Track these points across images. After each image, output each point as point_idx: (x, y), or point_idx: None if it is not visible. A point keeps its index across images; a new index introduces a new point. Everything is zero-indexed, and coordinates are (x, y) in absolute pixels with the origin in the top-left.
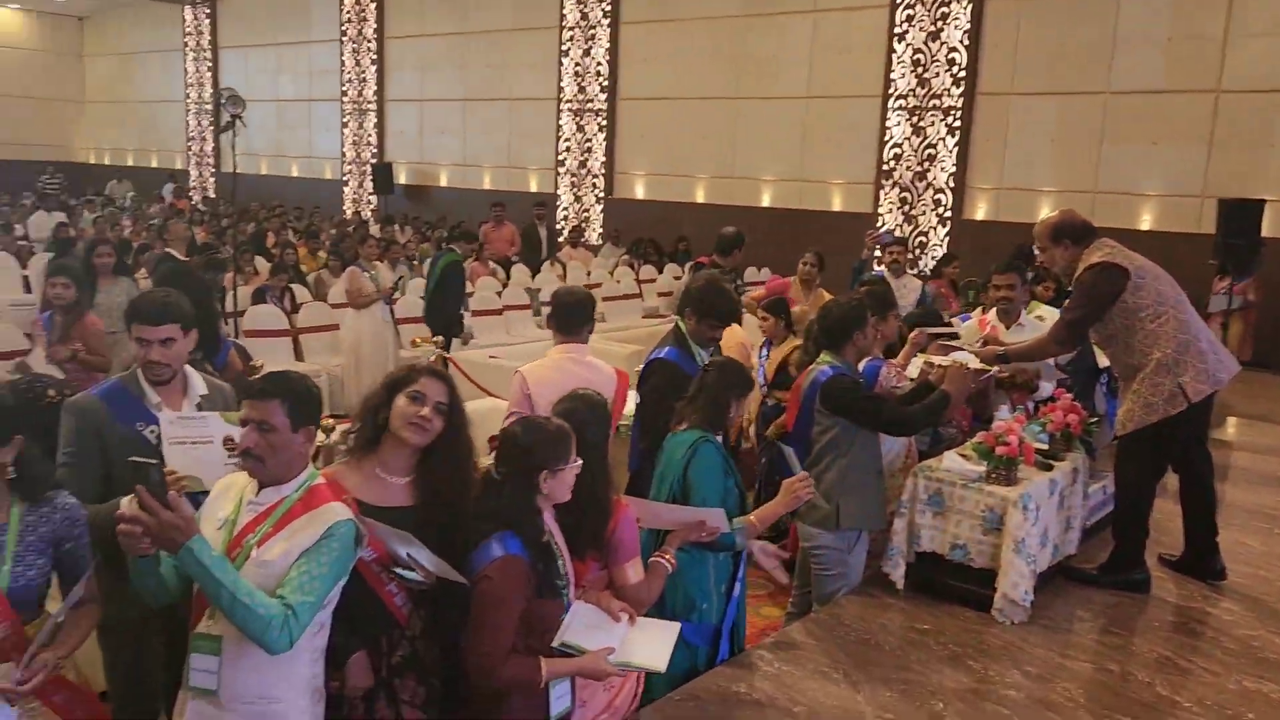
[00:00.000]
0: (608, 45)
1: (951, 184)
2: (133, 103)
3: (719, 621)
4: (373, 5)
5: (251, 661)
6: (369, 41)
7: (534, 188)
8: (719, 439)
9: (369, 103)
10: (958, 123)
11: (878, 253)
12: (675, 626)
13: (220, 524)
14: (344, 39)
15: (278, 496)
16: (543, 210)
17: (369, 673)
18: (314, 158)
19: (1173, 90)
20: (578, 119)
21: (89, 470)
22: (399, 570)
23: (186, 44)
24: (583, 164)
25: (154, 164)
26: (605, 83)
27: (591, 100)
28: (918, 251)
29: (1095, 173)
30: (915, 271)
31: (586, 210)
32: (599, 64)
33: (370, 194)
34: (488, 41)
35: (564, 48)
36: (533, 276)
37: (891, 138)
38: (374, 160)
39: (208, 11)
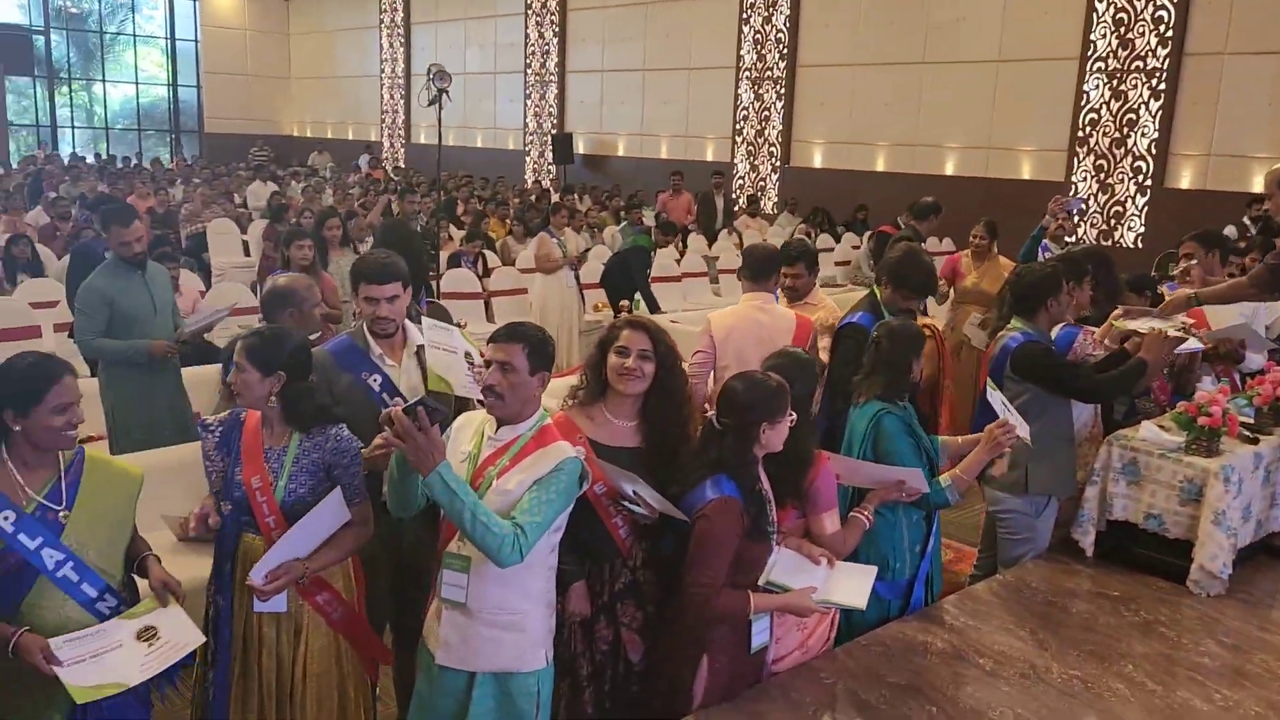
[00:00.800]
0: (788, 12)
1: (1153, 150)
2: (333, 78)
3: (912, 575)
4: None
5: (495, 578)
6: (552, 14)
7: (710, 157)
8: (904, 405)
9: (551, 74)
10: (1162, 85)
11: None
12: (872, 569)
13: (464, 458)
14: (528, 12)
15: (514, 434)
16: (720, 179)
17: (586, 600)
18: (498, 129)
19: None
20: (756, 87)
21: None
22: (626, 504)
23: (382, 21)
24: (760, 132)
25: (350, 136)
26: (784, 50)
27: (771, 68)
28: (1113, 222)
29: None
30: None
31: (763, 179)
32: (779, 31)
33: (550, 164)
34: (668, 11)
35: (744, 15)
36: (709, 245)
37: (1088, 102)
38: (554, 131)
39: None
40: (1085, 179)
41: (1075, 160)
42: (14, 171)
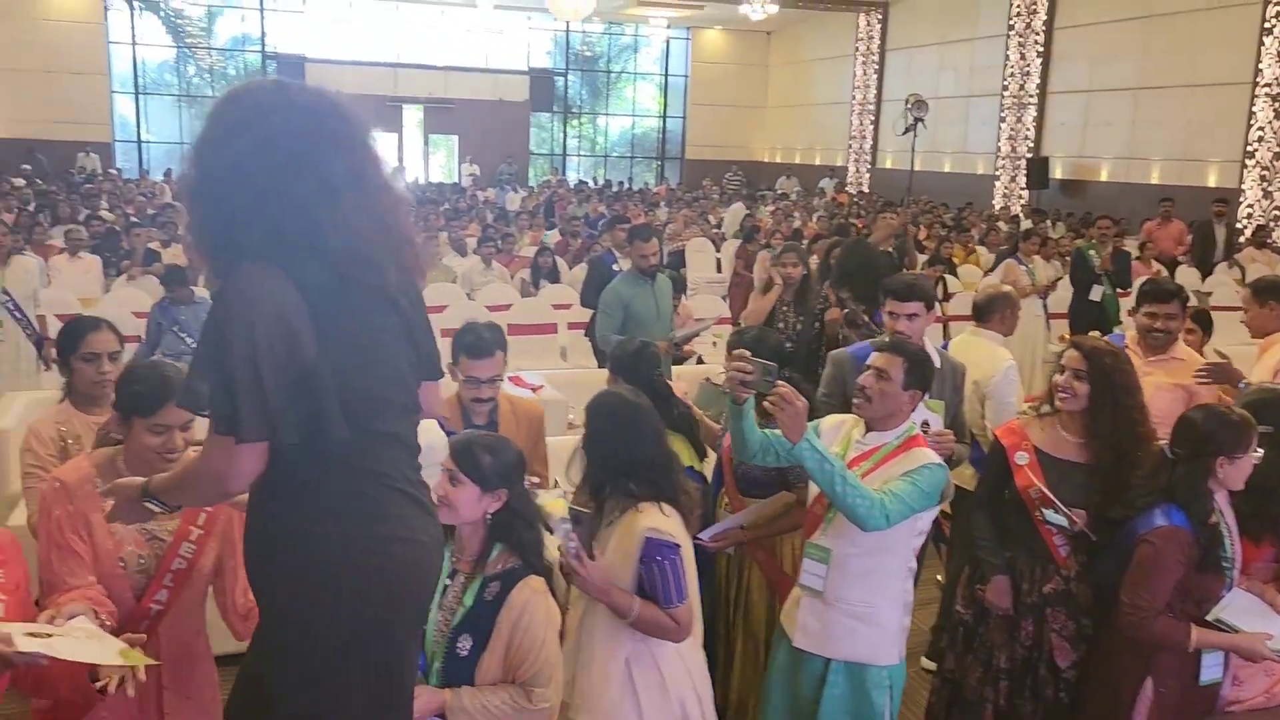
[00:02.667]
0: None
1: None
2: (804, 106)
3: None
4: None
5: (853, 570)
6: (1036, 34)
7: (1212, 182)
8: None
9: (1030, 96)
10: None
11: None
12: None
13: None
14: (1010, 33)
15: (880, 440)
16: (1223, 207)
17: (1008, 595)
18: (966, 153)
19: None
20: (1276, 104)
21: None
22: (1046, 514)
23: (857, 49)
24: (1279, 156)
25: (816, 161)
26: None
27: None
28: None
29: None
30: None
31: (1278, 208)
32: None
33: (1022, 188)
34: (1170, 25)
35: (1266, 25)
36: (1203, 279)
37: None
38: (1029, 154)
39: (879, 17)
40: None
41: None
42: (535, 193)
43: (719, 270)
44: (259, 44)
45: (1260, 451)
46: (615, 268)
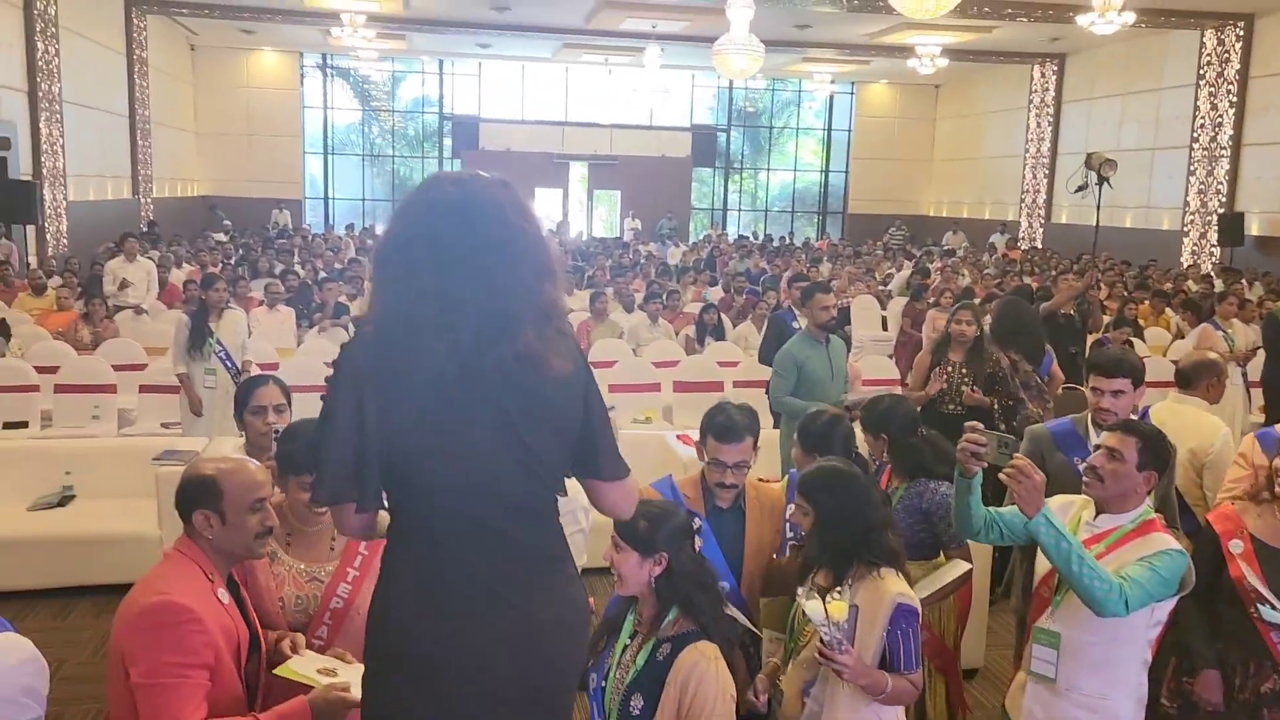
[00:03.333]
0: None
1: None
2: (974, 159)
3: None
4: (1238, 45)
5: (1088, 660)
6: (1229, 83)
7: None
8: None
9: (1222, 148)
10: None
11: None
12: None
13: None
14: (1200, 83)
15: (1114, 523)
16: None
17: (1219, 689)
18: (1150, 208)
19: None
20: None
21: None
22: (1263, 610)
23: (1031, 101)
24: None
25: (986, 215)
26: None
27: None
28: None
29: None
30: None
31: None
32: None
33: (1214, 245)
34: None
35: None
36: None
37: None
38: (1221, 210)
39: (1055, 68)
40: None
41: None
42: (696, 248)
43: (884, 328)
44: (437, 105)
45: None
46: (795, 325)
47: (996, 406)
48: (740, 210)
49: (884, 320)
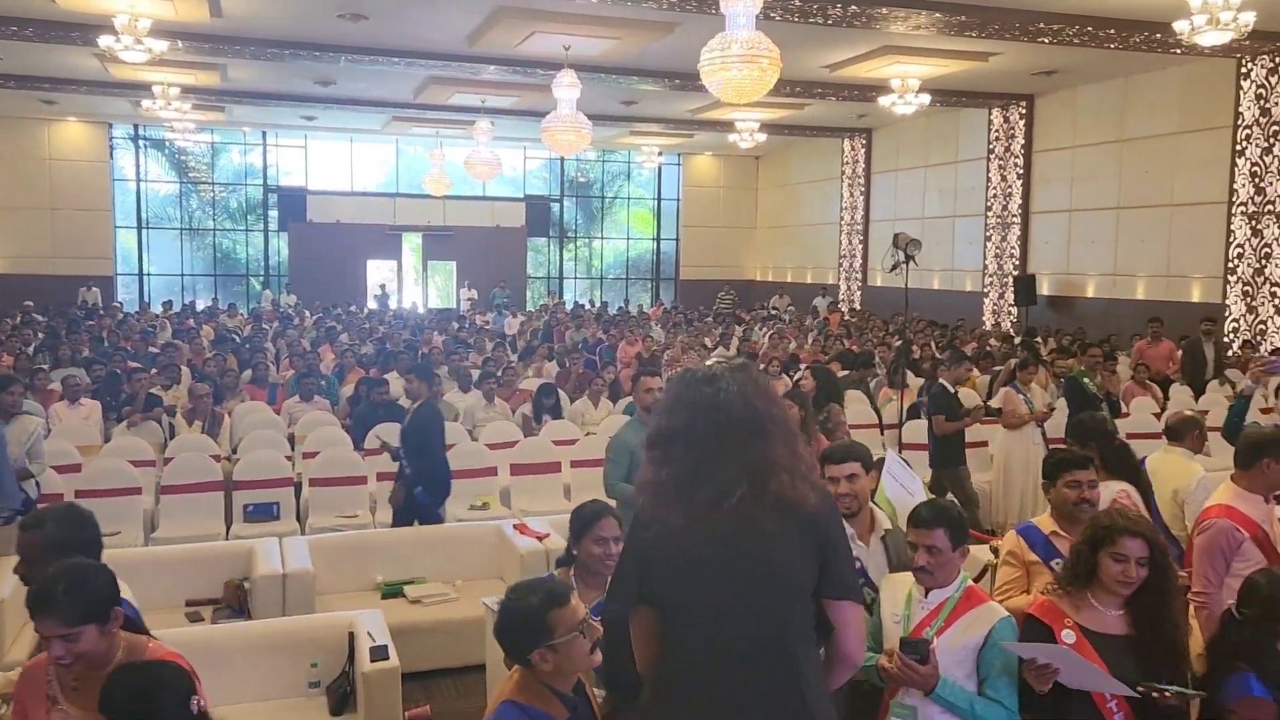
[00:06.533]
0: None
1: None
2: (795, 226)
3: None
4: (1021, 123)
5: None
6: (1015, 157)
7: (1197, 298)
8: None
9: (1013, 216)
10: None
11: None
12: None
13: (897, 619)
14: (990, 156)
15: (942, 597)
16: (1211, 325)
17: None
18: (955, 270)
19: None
20: (1253, 223)
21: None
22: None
23: (844, 172)
24: (1259, 271)
25: (809, 279)
26: None
27: (1272, 202)
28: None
29: None
30: None
31: (1262, 322)
32: None
33: (1011, 305)
34: (1145, 148)
35: (1238, 147)
36: (1196, 398)
37: None
38: (1016, 272)
39: (864, 142)
40: None
41: None
42: (531, 319)
43: None
44: (261, 177)
45: None
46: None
47: None
48: (576, 278)
49: None
